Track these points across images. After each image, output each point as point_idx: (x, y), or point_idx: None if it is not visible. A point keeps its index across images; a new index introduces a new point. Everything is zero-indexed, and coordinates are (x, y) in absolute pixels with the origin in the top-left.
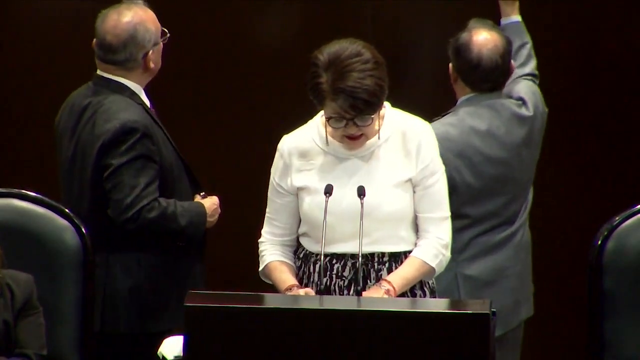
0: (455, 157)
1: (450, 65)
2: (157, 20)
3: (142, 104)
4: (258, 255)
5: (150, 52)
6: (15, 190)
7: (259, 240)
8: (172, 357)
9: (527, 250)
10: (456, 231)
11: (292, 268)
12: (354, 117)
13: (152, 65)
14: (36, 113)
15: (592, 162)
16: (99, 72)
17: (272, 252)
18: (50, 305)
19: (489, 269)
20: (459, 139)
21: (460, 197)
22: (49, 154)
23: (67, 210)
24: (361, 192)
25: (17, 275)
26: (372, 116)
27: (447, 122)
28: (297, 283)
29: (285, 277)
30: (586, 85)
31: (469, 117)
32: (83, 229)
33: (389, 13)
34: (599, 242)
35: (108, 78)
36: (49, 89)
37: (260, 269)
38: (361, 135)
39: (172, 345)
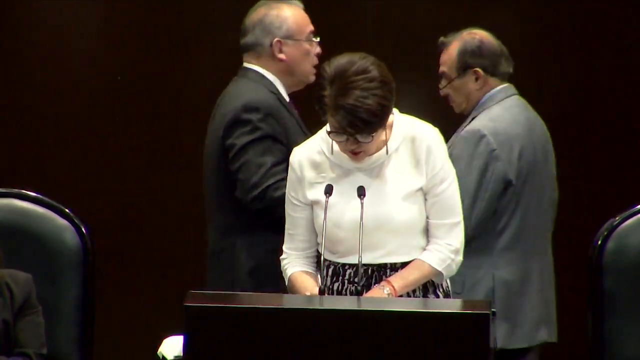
0: (507, 150)
1: (479, 71)
2: (303, 20)
3: (277, 93)
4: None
5: (278, 40)
6: (15, 190)
7: (281, 257)
8: (172, 357)
9: (550, 271)
10: (497, 233)
11: (314, 277)
12: (353, 134)
13: (281, 55)
14: (37, 113)
15: (592, 162)
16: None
17: (293, 265)
18: (50, 305)
19: (522, 276)
20: (505, 131)
21: (510, 194)
22: (49, 154)
23: (67, 210)
24: (361, 192)
25: (16, 274)
26: (373, 134)
27: (489, 117)
28: (317, 288)
29: (307, 284)
30: (586, 85)
31: (507, 110)
32: (83, 229)
33: (389, 13)
34: (599, 242)
35: (247, 67)
36: (49, 89)
37: (286, 283)
38: (361, 151)
39: (172, 345)
